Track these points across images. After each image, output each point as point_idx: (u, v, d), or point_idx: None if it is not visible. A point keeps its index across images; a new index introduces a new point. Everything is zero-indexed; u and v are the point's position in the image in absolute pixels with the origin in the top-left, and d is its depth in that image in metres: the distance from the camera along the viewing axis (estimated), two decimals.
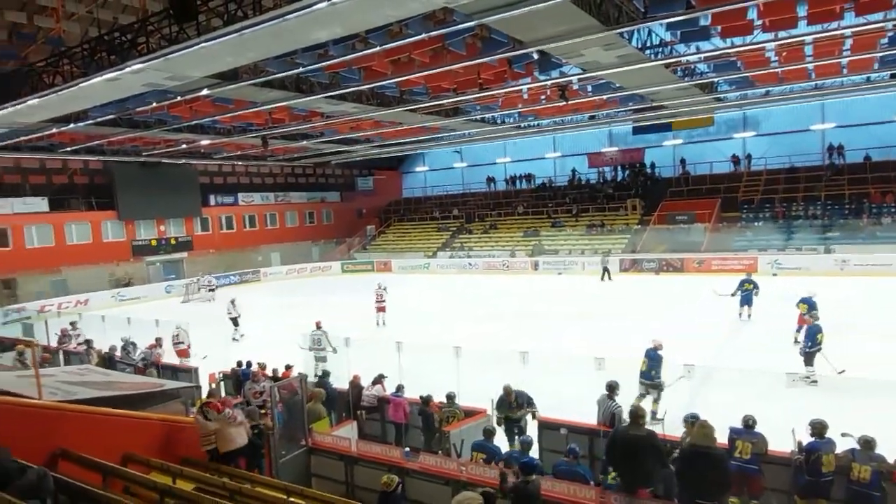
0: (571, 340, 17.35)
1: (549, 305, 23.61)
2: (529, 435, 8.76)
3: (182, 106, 19.04)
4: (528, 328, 19.23)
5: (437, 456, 8.81)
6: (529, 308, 23.18)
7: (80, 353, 16.09)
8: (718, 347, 15.53)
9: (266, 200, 42.66)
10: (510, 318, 21.09)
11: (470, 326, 20.18)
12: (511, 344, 17.20)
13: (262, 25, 10.35)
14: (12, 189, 29.46)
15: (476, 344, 17.23)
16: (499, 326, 19.73)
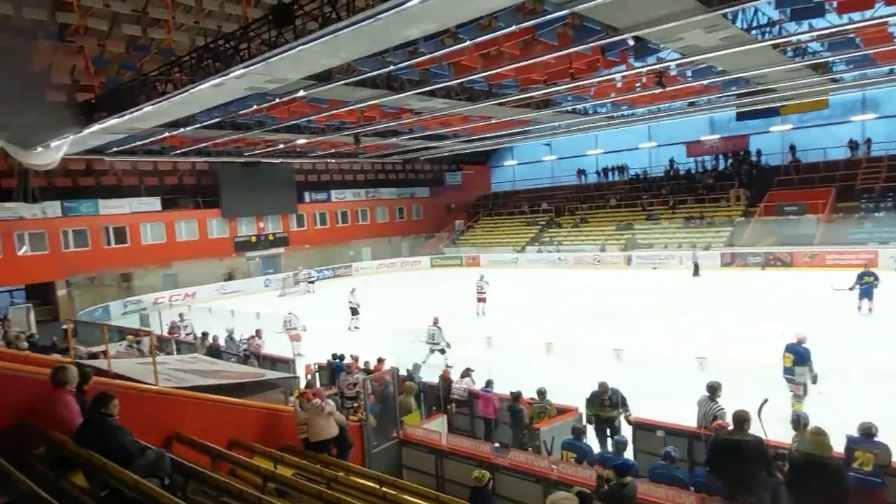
0: (666, 338, 16.63)
1: (642, 301, 22.75)
2: (624, 435, 8.42)
3: (280, 107, 19.89)
4: (621, 325, 18.62)
5: (527, 453, 8.67)
6: (622, 304, 22.45)
7: (191, 343, 17.24)
8: (841, 344, 14.27)
9: (357, 197, 43.91)
10: (602, 314, 20.50)
11: (560, 322, 19.80)
12: (603, 341, 16.82)
13: (355, 26, 10.55)
14: (130, 190, 32.03)
15: (566, 340, 16.97)
16: (590, 322, 19.24)
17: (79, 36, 19.62)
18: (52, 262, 28.04)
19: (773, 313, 18.36)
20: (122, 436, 5.21)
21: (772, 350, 10.87)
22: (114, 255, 30.78)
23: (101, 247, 30.41)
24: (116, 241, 31.02)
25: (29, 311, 23.60)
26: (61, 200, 28.76)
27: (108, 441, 5.05)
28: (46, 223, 27.99)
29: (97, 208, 30.27)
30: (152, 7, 19.84)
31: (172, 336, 18.38)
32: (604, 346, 15.97)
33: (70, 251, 29.04)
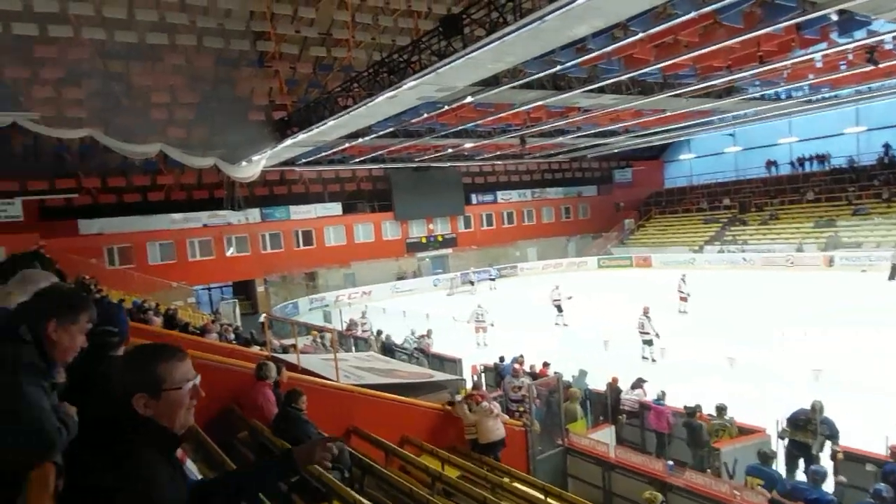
0: (878, 354, 14.31)
1: (848, 310, 19.74)
2: (823, 466, 7.38)
3: (449, 114, 20.52)
4: (821, 337, 16.36)
5: (705, 475, 8.00)
6: (821, 311, 19.73)
7: (367, 339, 18.45)
8: None
9: (523, 197, 43.89)
10: (795, 324, 18.14)
11: (747, 331, 17.98)
12: (796, 353, 14.94)
13: (522, 29, 10.51)
14: (316, 197, 35.20)
15: (752, 352, 15.36)
16: (780, 333, 17.16)
17: (275, 61, 22.05)
18: (252, 262, 31.88)
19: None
20: (309, 429, 5.75)
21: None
22: (302, 256, 34.07)
23: (292, 248, 33.83)
24: (304, 244, 34.31)
25: (235, 305, 27.04)
26: (260, 208, 32.51)
27: (298, 433, 5.56)
28: (248, 228, 31.86)
29: (289, 214, 33.76)
30: (335, 29, 21.67)
31: (350, 333, 19.78)
32: (798, 360, 14.20)
33: (267, 252, 32.72)
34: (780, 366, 14.28)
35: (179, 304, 22.24)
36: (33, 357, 1.93)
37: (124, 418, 1.63)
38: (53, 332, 1.99)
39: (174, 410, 1.67)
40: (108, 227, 27.46)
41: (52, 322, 1.99)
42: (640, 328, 16.59)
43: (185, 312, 19.56)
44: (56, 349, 2.01)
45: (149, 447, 1.63)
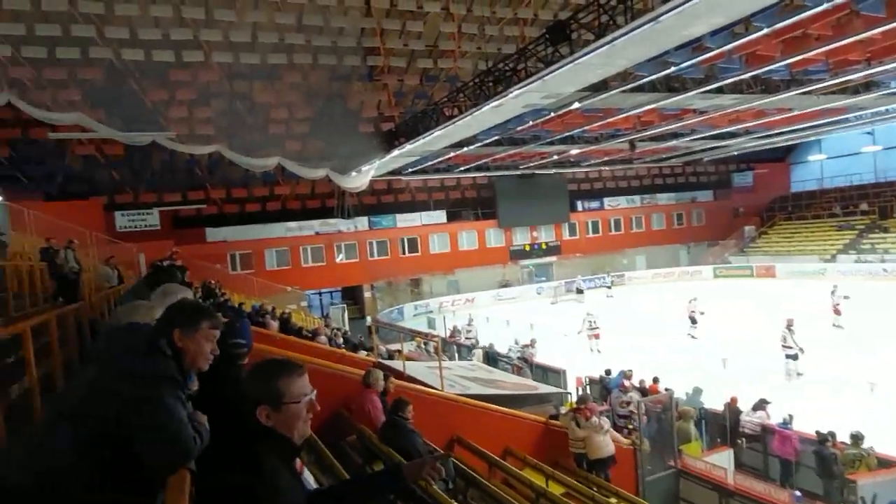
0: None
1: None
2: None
3: (555, 120, 20.22)
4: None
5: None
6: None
7: (470, 347, 18.50)
8: None
9: (631, 203, 42.28)
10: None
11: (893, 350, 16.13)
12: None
13: (634, 32, 10.12)
14: (421, 205, 35.93)
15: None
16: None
17: (383, 74, 22.83)
18: (360, 268, 33.10)
19: None
20: (415, 438, 5.83)
21: None
22: (407, 262, 34.89)
23: (398, 255, 34.74)
24: (409, 251, 35.12)
25: (343, 310, 28.18)
26: (368, 216, 33.69)
27: (404, 442, 5.66)
28: (357, 235, 33.13)
29: (395, 222, 34.72)
30: (442, 40, 22.07)
31: (453, 340, 19.94)
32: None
33: (374, 259, 33.83)
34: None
35: (293, 307, 23.50)
36: (173, 370, 2.09)
37: (249, 428, 1.77)
38: (179, 341, 2.16)
39: (293, 422, 1.81)
40: (232, 235, 29.62)
41: (178, 331, 2.16)
42: (783, 342, 15.42)
43: (297, 316, 20.63)
44: (186, 357, 2.17)
45: (271, 455, 1.76)
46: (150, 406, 1.95)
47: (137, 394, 1.97)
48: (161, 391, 1.99)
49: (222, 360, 2.49)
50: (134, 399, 1.96)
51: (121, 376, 2.03)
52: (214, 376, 2.37)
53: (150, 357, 2.07)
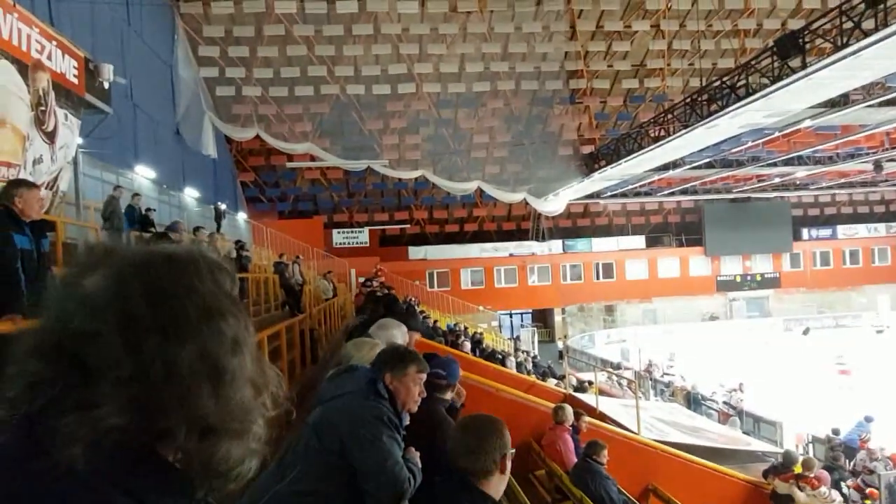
0: None
1: None
2: None
3: (779, 140, 18.19)
4: None
5: None
6: None
7: (669, 385, 17.16)
8: None
9: (874, 233, 35.98)
10: None
11: None
12: None
13: (887, 39, 8.63)
14: (618, 229, 34.51)
15: None
16: None
17: (586, 97, 22.54)
18: (552, 291, 32.73)
19: None
20: (609, 485, 5.53)
21: None
22: (601, 288, 33.64)
23: (592, 280, 33.68)
24: (604, 276, 33.84)
25: (534, 333, 28.07)
26: (563, 239, 33.27)
27: (597, 487, 5.40)
28: (550, 258, 32.87)
29: (590, 246, 33.76)
30: (649, 59, 21.16)
31: (650, 375, 18.69)
32: None
33: (567, 283, 33.25)
34: None
35: (484, 327, 24.01)
36: (389, 412, 2.22)
37: (468, 486, 1.87)
38: (390, 384, 2.30)
39: (499, 482, 1.90)
40: (431, 254, 31.25)
41: (389, 374, 2.31)
42: None
43: (488, 336, 21.05)
44: (397, 398, 2.30)
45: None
46: (372, 446, 2.10)
47: (359, 433, 2.12)
48: (380, 432, 2.13)
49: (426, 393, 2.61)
50: (356, 437, 2.12)
51: (344, 415, 2.20)
52: (421, 408, 2.47)
53: (370, 398, 2.22)
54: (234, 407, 0.60)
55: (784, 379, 19.58)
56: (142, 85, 14.16)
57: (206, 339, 0.59)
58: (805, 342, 28.74)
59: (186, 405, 0.57)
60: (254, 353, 0.64)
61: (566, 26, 19.83)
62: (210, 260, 0.65)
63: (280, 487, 2.08)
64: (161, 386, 0.56)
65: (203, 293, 0.61)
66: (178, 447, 0.59)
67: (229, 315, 0.62)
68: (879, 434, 11.20)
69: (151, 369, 0.55)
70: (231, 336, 0.61)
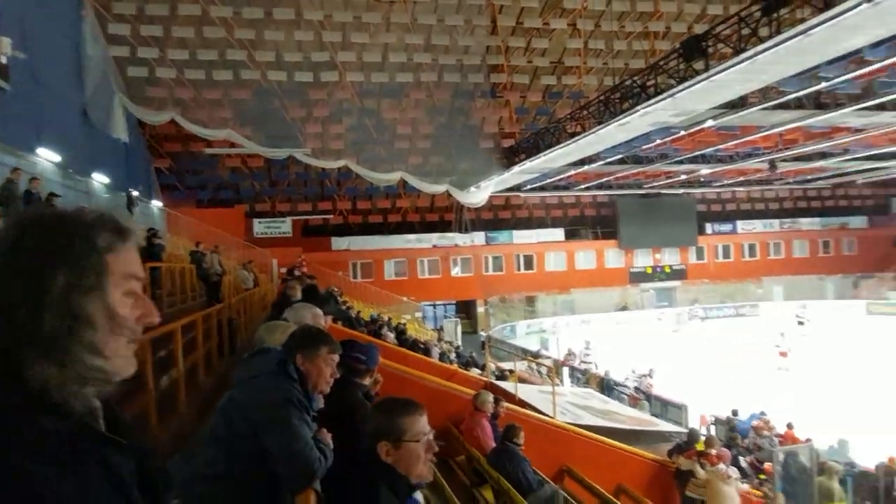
0: None
1: None
2: None
3: (685, 139, 19.24)
4: None
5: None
6: None
7: (585, 373, 17.87)
8: None
9: (769, 228, 38.92)
10: None
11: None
12: None
13: (780, 45, 9.35)
14: (538, 222, 35.49)
15: None
16: None
17: (506, 91, 22.97)
18: (475, 283, 33.26)
19: None
20: (525, 466, 5.73)
21: None
22: (521, 279, 34.50)
23: (513, 272, 34.49)
24: (525, 268, 34.75)
25: (457, 324, 28.40)
26: (485, 231, 33.84)
27: (514, 469, 5.57)
28: (473, 250, 33.36)
29: (511, 238, 34.55)
30: (567, 56, 21.83)
31: (567, 363, 19.37)
32: None
33: (489, 274, 33.87)
34: None
35: (408, 318, 24.09)
36: (299, 394, 2.21)
37: (370, 461, 1.85)
38: (301, 365, 2.29)
39: (411, 461, 1.85)
40: (354, 245, 30.93)
41: (300, 355, 2.30)
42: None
43: (412, 327, 21.12)
44: (308, 380, 2.29)
45: (387, 490, 1.81)
46: (279, 427, 2.09)
47: (268, 415, 2.11)
48: (289, 414, 2.12)
49: (342, 376, 2.60)
50: (265, 420, 2.11)
51: (253, 398, 2.19)
52: (334, 392, 2.46)
53: (280, 380, 2.20)
54: (47, 334, 0.70)
55: (690, 364, 20.92)
56: (46, 62, 13.01)
57: (39, 277, 0.71)
58: (706, 331, 30.80)
59: (12, 327, 0.70)
60: (89, 295, 0.74)
61: (487, 20, 20.13)
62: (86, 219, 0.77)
63: (192, 471, 2.06)
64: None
65: (54, 245, 0.73)
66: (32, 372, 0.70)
67: (69, 263, 0.73)
68: (779, 417, 12.24)
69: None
70: (65, 278, 0.72)
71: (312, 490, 2.10)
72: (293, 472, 2.08)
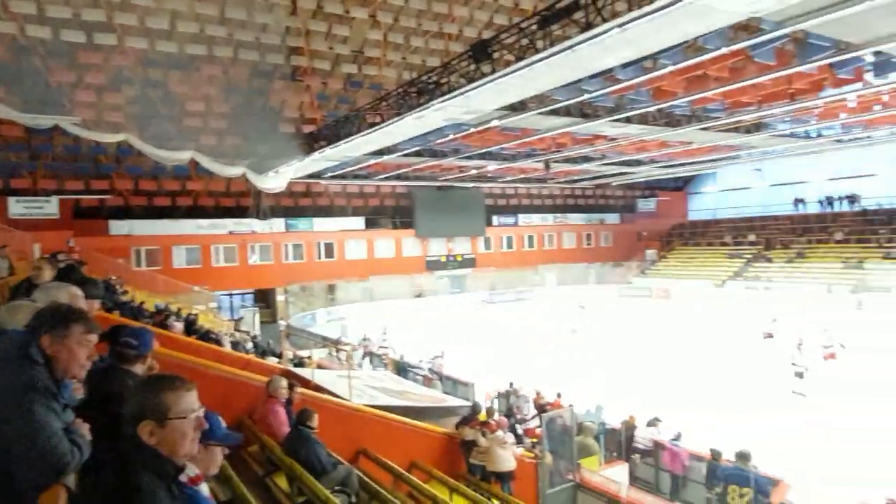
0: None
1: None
2: None
3: (474, 136, 20.62)
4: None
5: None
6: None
7: (382, 357, 18.41)
8: None
9: (545, 221, 43.71)
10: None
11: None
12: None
13: (552, 57, 10.57)
14: (339, 210, 35.47)
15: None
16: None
17: (307, 76, 22.45)
18: (274, 271, 32.20)
19: None
20: (318, 449, 5.73)
21: None
22: (323, 267, 34.31)
23: (314, 260, 34.09)
24: (326, 256, 34.56)
25: (255, 313, 27.27)
26: (285, 218, 32.87)
27: (308, 453, 5.57)
28: (272, 237, 32.23)
29: (312, 225, 34.05)
30: (368, 47, 22.03)
31: (365, 348, 19.78)
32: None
33: (289, 263, 33.02)
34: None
35: (201, 308, 22.45)
36: (44, 379, 1.98)
37: (130, 445, 1.69)
38: (49, 347, 2.04)
39: (178, 440, 1.72)
40: (137, 229, 27.95)
41: (47, 337, 2.05)
42: (793, 360, 16.08)
43: (205, 318, 19.74)
44: (57, 364, 2.05)
45: (151, 475, 1.67)
46: (18, 415, 1.85)
47: (7, 404, 1.87)
48: (30, 400, 1.89)
49: (111, 363, 2.39)
50: (2, 410, 1.86)
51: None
52: (100, 381, 2.27)
53: (18, 365, 1.96)
54: None
55: (480, 345, 22.74)
56: None
57: None
58: (492, 312, 33.54)
59: None
60: None
61: (287, 0, 19.45)
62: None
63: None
64: None
65: None
66: None
67: None
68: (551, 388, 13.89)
69: None
70: None
71: (62, 486, 1.87)
72: (34, 467, 1.84)
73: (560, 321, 26.87)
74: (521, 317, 31.76)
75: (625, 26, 9.30)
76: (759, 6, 9.35)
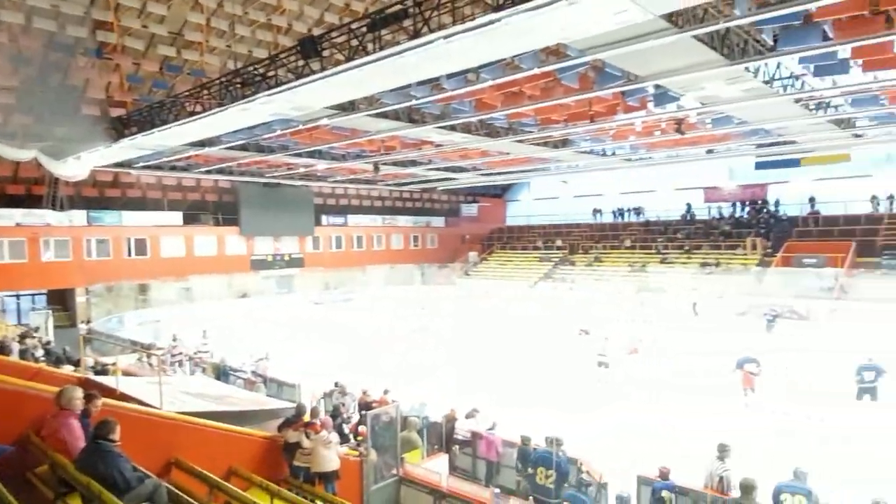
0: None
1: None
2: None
3: (303, 133, 20.23)
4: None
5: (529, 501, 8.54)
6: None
7: (199, 362, 17.29)
8: None
9: (374, 222, 44.18)
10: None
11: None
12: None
13: (381, 61, 10.80)
14: (153, 204, 32.52)
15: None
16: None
17: (116, 54, 20.30)
18: (74, 269, 28.48)
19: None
20: (121, 464, 5.18)
21: None
22: (133, 266, 31.15)
23: (122, 257, 30.80)
24: (137, 253, 31.42)
25: (48, 316, 23.94)
26: (87, 210, 29.31)
27: (108, 468, 5.06)
28: (71, 231, 28.51)
29: (120, 219, 30.78)
30: (188, 30, 20.53)
31: (178, 352, 18.43)
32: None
33: (92, 260, 29.47)
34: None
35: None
36: None
37: None
38: None
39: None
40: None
41: None
42: (599, 352, 17.25)
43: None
44: None
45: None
46: None
47: None
48: None
49: None
50: None
51: None
52: None
53: None
54: None
55: (307, 345, 22.27)
56: None
57: None
58: (318, 311, 33.08)
59: None
60: None
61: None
62: None
63: None
64: None
65: None
66: None
67: None
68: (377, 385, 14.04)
69: None
70: None
71: None
72: None
73: (394, 321, 27.26)
74: (354, 317, 31.67)
75: (449, 38, 9.83)
76: (567, 34, 10.47)
